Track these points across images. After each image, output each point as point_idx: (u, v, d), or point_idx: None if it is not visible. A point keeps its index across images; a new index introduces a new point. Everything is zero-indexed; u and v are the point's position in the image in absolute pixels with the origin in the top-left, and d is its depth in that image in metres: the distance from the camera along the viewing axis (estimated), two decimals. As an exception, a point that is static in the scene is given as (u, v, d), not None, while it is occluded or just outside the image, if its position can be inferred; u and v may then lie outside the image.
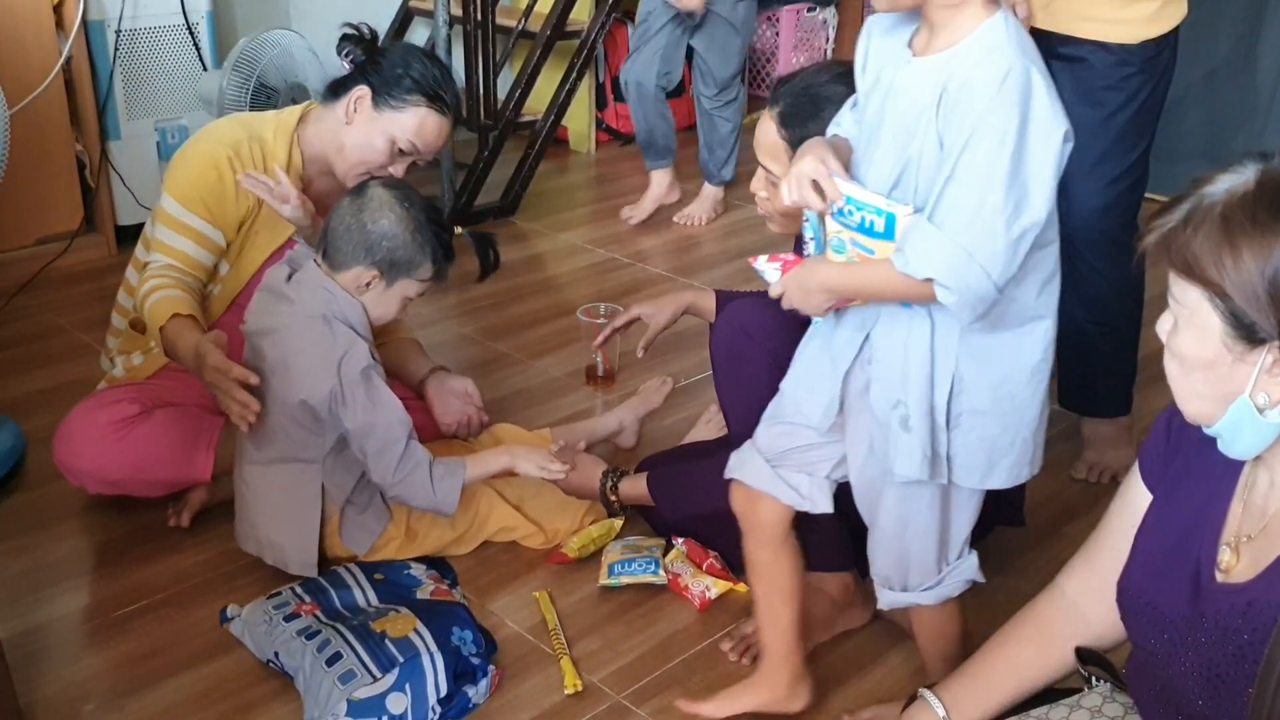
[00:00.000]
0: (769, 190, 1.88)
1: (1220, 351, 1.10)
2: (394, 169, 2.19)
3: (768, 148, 1.84)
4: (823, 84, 1.80)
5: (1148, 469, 1.36)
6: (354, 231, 1.95)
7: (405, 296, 2.02)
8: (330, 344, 1.92)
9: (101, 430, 2.12)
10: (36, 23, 3.24)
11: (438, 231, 1.99)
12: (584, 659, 1.92)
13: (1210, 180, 1.11)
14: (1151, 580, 1.28)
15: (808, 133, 1.77)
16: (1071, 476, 2.46)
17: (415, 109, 2.17)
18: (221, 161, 2.14)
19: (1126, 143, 2.29)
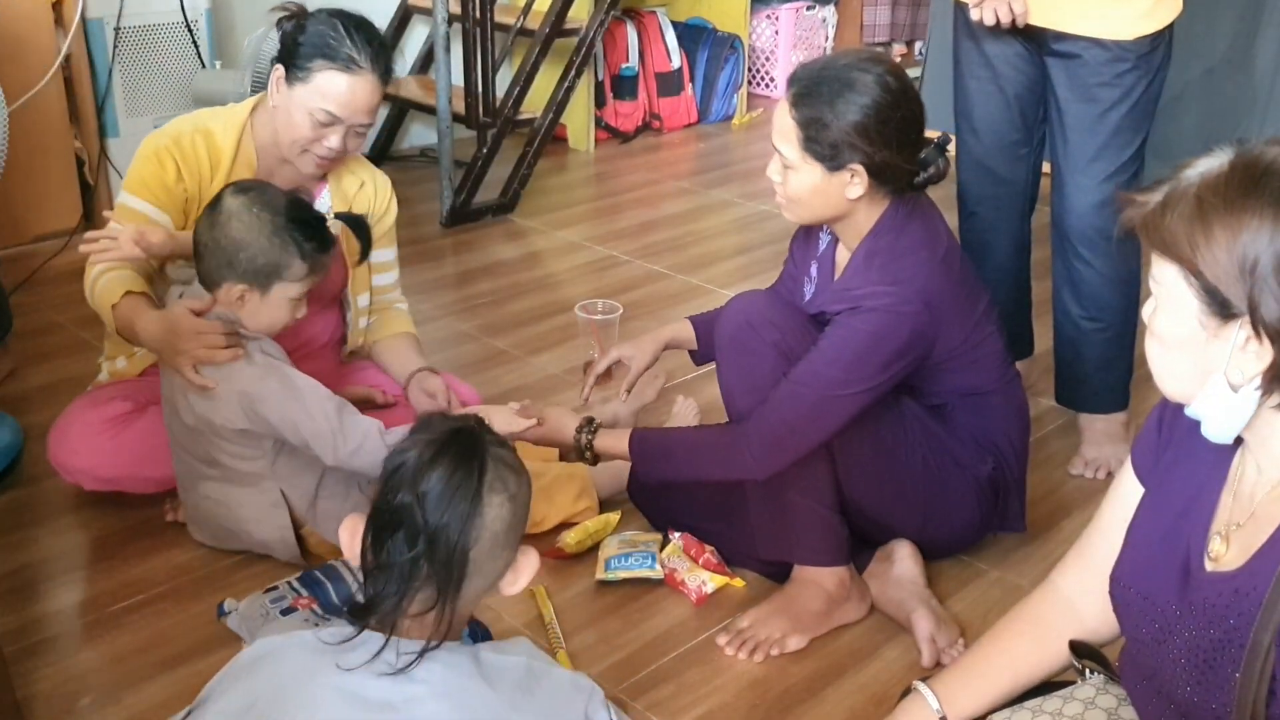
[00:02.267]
0: (782, 174, 1.89)
1: (1195, 329, 1.12)
2: (329, 142, 2.10)
3: (781, 130, 1.86)
4: (840, 68, 1.83)
5: (1140, 462, 1.37)
6: (211, 249, 1.92)
7: (290, 299, 1.96)
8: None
9: (95, 429, 2.13)
10: (35, 20, 3.25)
11: (298, 226, 1.93)
12: (580, 653, 1.92)
13: (1188, 165, 1.15)
14: (1142, 570, 1.29)
15: (817, 114, 1.81)
16: (1068, 472, 2.46)
17: (319, 74, 2.06)
18: (161, 151, 2.13)
19: (1122, 138, 2.30)
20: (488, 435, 1.27)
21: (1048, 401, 2.69)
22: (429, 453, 1.22)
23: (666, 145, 4.82)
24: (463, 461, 1.22)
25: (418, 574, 1.20)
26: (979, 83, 2.45)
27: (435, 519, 1.19)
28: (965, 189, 2.59)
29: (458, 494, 1.20)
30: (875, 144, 1.81)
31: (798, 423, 1.85)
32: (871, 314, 1.84)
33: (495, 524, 1.23)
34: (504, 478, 1.25)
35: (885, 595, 2.01)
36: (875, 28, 5.76)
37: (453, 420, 1.28)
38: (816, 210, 1.91)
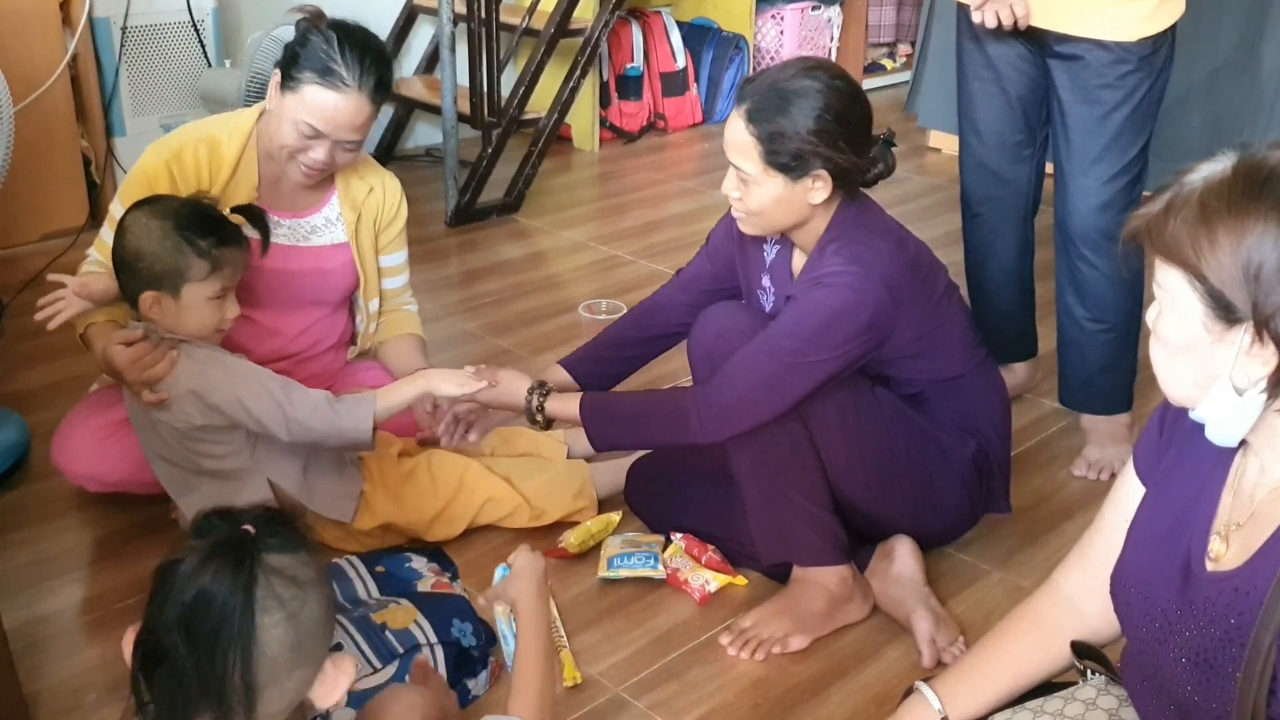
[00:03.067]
0: (741, 189, 1.89)
1: (1200, 334, 1.13)
2: (314, 154, 2.09)
3: (738, 146, 1.86)
4: (788, 79, 1.84)
5: (1141, 463, 1.37)
6: (118, 265, 1.94)
7: (206, 299, 1.94)
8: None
9: (95, 435, 2.14)
10: (43, 19, 3.26)
11: (190, 227, 1.90)
12: (583, 652, 1.92)
13: (1191, 170, 1.15)
14: (1143, 570, 1.29)
15: (776, 128, 1.82)
16: (1071, 474, 2.47)
17: (306, 87, 2.04)
18: (159, 166, 2.12)
19: (1125, 140, 2.30)
20: (267, 540, 1.12)
21: (1051, 403, 2.69)
22: (190, 573, 1.08)
23: (671, 145, 4.82)
24: (225, 586, 1.07)
25: (190, 707, 1.08)
26: (982, 84, 2.46)
27: (198, 654, 1.07)
28: (969, 191, 2.59)
29: (220, 627, 1.07)
30: (836, 147, 1.83)
31: (750, 392, 1.86)
32: (833, 289, 1.85)
33: (271, 648, 1.09)
34: (280, 595, 1.09)
35: (885, 594, 2.02)
36: (880, 28, 5.76)
37: (225, 526, 1.12)
38: (779, 220, 1.91)
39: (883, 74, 5.80)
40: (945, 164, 4.59)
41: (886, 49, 5.91)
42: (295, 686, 1.13)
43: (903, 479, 1.99)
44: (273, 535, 1.12)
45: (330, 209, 2.27)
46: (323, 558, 1.18)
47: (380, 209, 2.32)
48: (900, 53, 5.94)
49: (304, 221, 2.26)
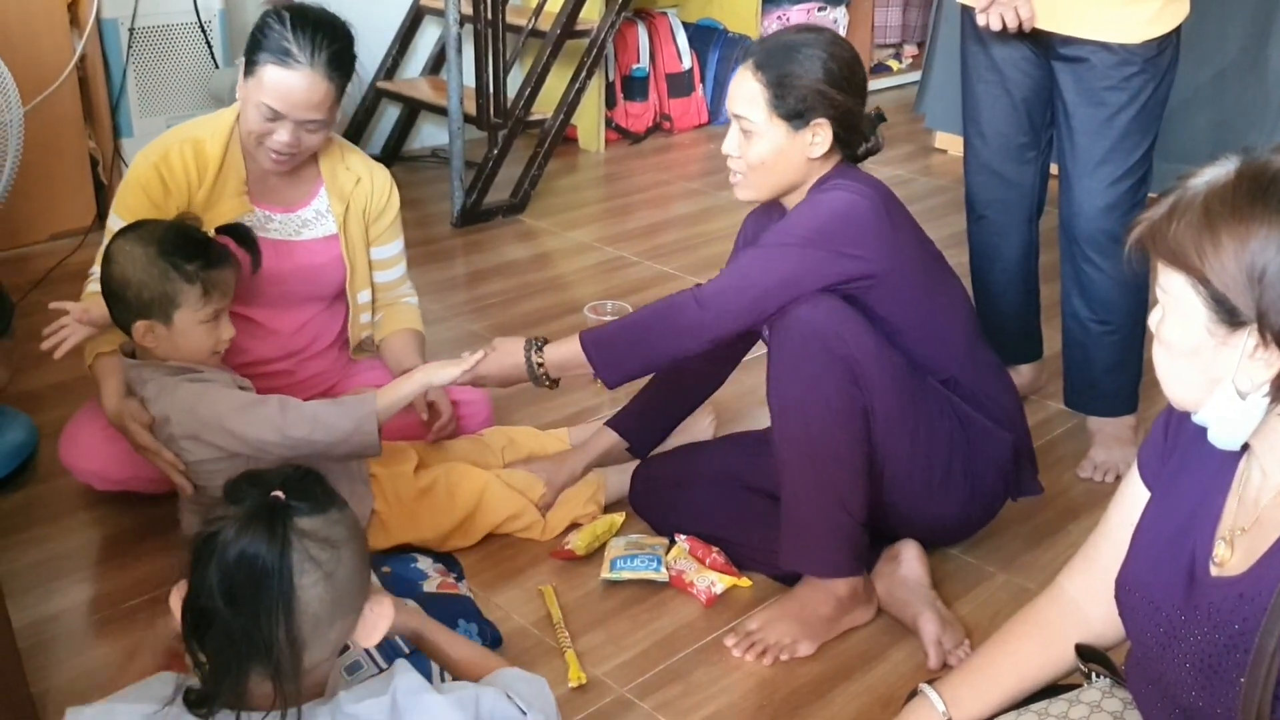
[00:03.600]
0: (742, 145, 1.93)
1: (1204, 337, 1.13)
2: (278, 136, 2.07)
3: (744, 95, 1.92)
4: (793, 35, 1.93)
5: (1146, 466, 1.38)
6: (108, 295, 1.95)
7: (199, 323, 1.95)
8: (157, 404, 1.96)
9: (102, 436, 2.14)
10: (50, 20, 3.27)
11: (176, 251, 1.91)
12: (588, 653, 1.93)
13: (1194, 174, 1.15)
14: (1147, 574, 1.29)
15: (785, 73, 1.88)
16: (1076, 476, 2.47)
17: (263, 69, 2.04)
18: (149, 170, 2.14)
19: (1130, 142, 2.30)
20: (301, 502, 1.17)
21: (1056, 405, 2.69)
22: (228, 541, 1.14)
23: (677, 146, 4.83)
24: (262, 550, 1.13)
25: (243, 665, 1.14)
26: (986, 86, 2.46)
27: (243, 616, 1.13)
28: (973, 192, 2.59)
29: (260, 589, 1.12)
30: (840, 92, 1.89)
31: (748, 276, 1.90)
32: (832, 193, 1.91)
33: (312, 606, 1.15)
34: (314, 556, 1.15)
35: (891, 596, 2.02)
36: (886, 29, 5.76)
37: (256, 492, 1.18)
38: (777, 176, 1.94)
39: (889, 75, 5.80)
40: (951, 165, 4.59)
41: (893, 50, 5.91)
42: (338, 635, 1.21)
43: (956, 476, 2.00)
44: (302, 498, 1.18)
45: (320, 201, 2.27)
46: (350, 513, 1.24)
47: (369, 199, 2.31)
48: (906, 54, 5.94)
49: (295, 215, 2.26)
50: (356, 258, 2.32)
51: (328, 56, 2.05)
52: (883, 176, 2.06)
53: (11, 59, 3.09)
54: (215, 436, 1.91)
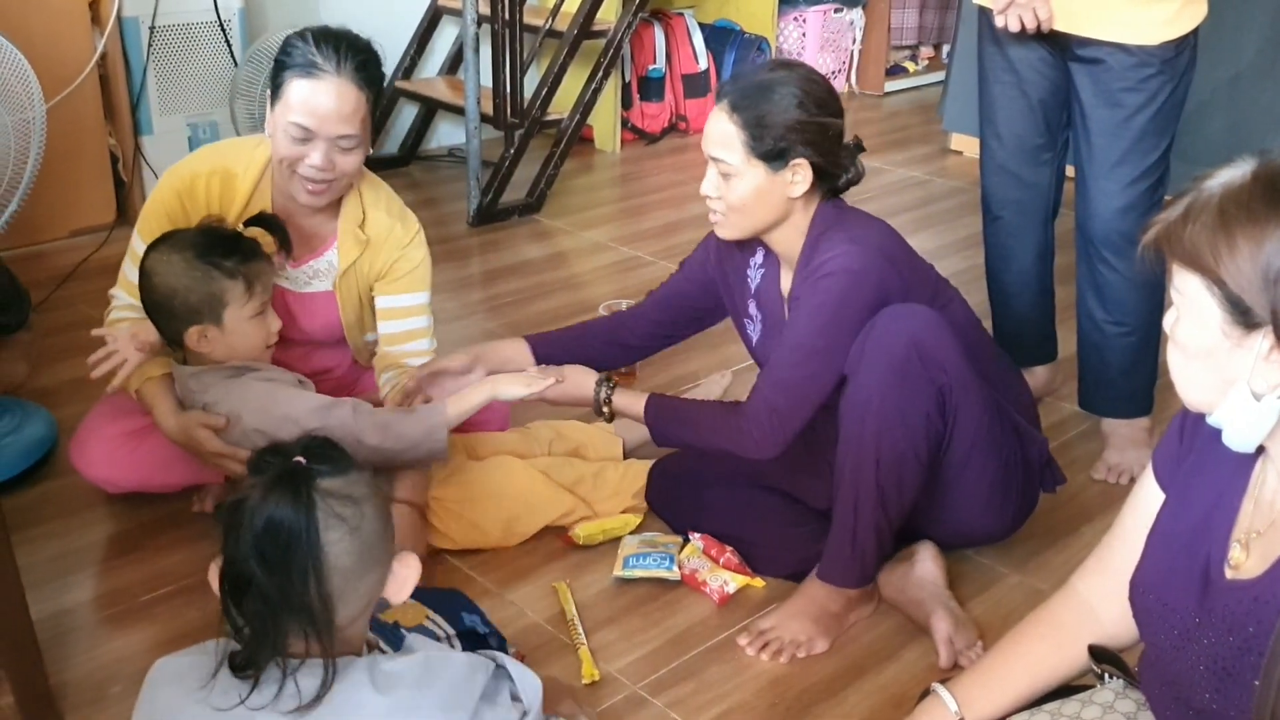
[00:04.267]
0: (721, 186, 1.91)
1: (1218, 339, 1.13)
2: (311, 160, 1.99)
3: (719, 138, 1.89)
4: (765, 74, 1.90)
5: (1161, 468, 1.38)
6: (153, 310, 1.97)
7: (249, 319, 1.97)
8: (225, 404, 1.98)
9: (113, 443, 2.15)
10: (72, 19, 3.30)
11: (212, 250, 1.93)
12: (602, 649, 1.94)
13: (1209, 176, 1.16)
14: (1162, 577, 1.29)
15: (760, 113, 1.85)
16: (1090, 478, 2.47)
17: (289, 86, 1.97)
18: (173, 199, 2.10)
19: (1147, 144, 2.30)
20: (318, 466, 1.22)
21: (1070, 406, 2.69)
22: (255, 506, 1.18)
23: (693, 146, 4.83)
24: (289, 513, 1.18)
25: (280, 624, 1.19)
26: (1003, 87, 2.46)
27: (277, 576, 1.17)
28: (989, 194, 2.59)
29: (291, 549, 1.17)
30: (818, 130, 1.87)
31: (788, 401, 1.89)
32: (833, 275, 1.87)
33: (342, 560, 1.20)
34: (339, 514, 1.21)
35: (905, 595, 2.02)
36: (903, 30, 5.74)
37: (277, 462, 1.22)
38: (758, 217, 1.92)
39: (905, 76, 5.79)
40: (967, 167, 4.58)
41: (909, 52, 5.90)
42: (369, 589, 1.26)
43: (1012, 493, 2.03)
44: (323, 462, 1.23)
45: (332, 254, 2.19)
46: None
47: (376, 258, 2.18)
48: (923, 55, 5.93)
49: (305, 268, 2.21)
50: (360, 310, 2.26)
51: (354, 65, 1.99)
52: (899, 179, 2.06)
53: (34, 57, 3.11)
54: (289, 435, 1.91)
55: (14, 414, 2.44)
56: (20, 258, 3.32)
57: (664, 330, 2.25)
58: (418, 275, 2.22)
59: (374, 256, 2.19)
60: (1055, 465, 2.14)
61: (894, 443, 1.85)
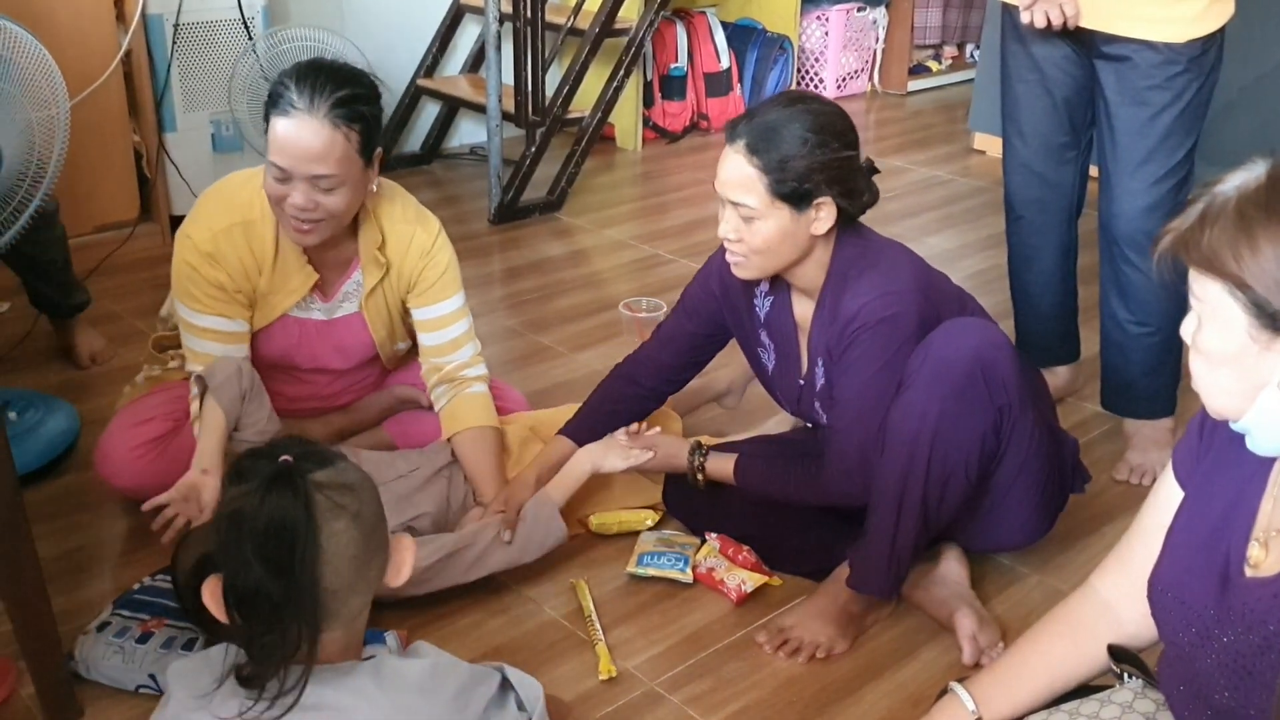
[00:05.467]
0: (741, 230, 1.86)
1: (1245, 343, 1.11)
2: (292, 200, 1.94)
3: (739, 182, 1.84)
4: (778, 111, 1.84)
5: (1180, 466, 1.36)
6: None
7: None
8: None
9: (136, 452, 2.15)
10: (97, 16, 3.32)
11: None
12: (619, 646, 1.94)
13: (1220, 181, 1.15)
14: (1181, 575, 1.28)
15: (782, 155, 1.80)
16: (1112, 478, 2.45)
17: (271, 126, 1.93)
18: (202, 262, 2.05)
19: (1172, 142, 2.28)
20: (308, 462, 1.20)
21: (1093, 407, 2.67)
22: (254, 511, 1.17)
23: (714, 145, 4.82)
24: (289, 511, 1.16)
25: (289, 628, 1.17)
26: (1027, 86, 2.44)
27: (284, 578, 1.16)
28: (1012, 193, 2.58)
29: (295, 547, 1.16)
30: (839, 166, 1.83)
31: (862, 454, 1.89)
32: (869, 330, 1.86)
33: (346, 549, 1.19)
34: (339, 503, 1.19)
35: (929, 594, 2.01)
36: (926, 29, 5.73)
37: (263, 461, 1.21)
38: (783, 257, 1.89)
39: (928, 76, 5.77)
40: (990, 166, 4.56)
41: (932, 51, 5.88)
42: (373, 575, 1.25)
43: (1050, 509, 2.03)
44: (309, 456, 1.22)
45: (359, 274, 2.17)
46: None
47: (400, 269, 2.16)
48: (946, 54, 5.90)
49: (337, 295, 2.19)
50: (390, 325, 2.25)
51: (331, 103, 1.90)
52: (921, 178, 2.05)
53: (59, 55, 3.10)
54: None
55: (37, 407, 2.46)
56: (45, 253, 3.35)
57: (678, 373, 2.23)
58: (448, 279, 2.19)
59: (399, 271, 2.17)
60: (1082, 465, 2.13)
61: (945, 459, 1.83)
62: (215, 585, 1.22)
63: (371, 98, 1.99)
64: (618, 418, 2.19)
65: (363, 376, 2.37)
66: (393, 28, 4.30)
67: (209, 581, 1.23)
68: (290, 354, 2.21)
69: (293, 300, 2.13)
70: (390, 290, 2.19)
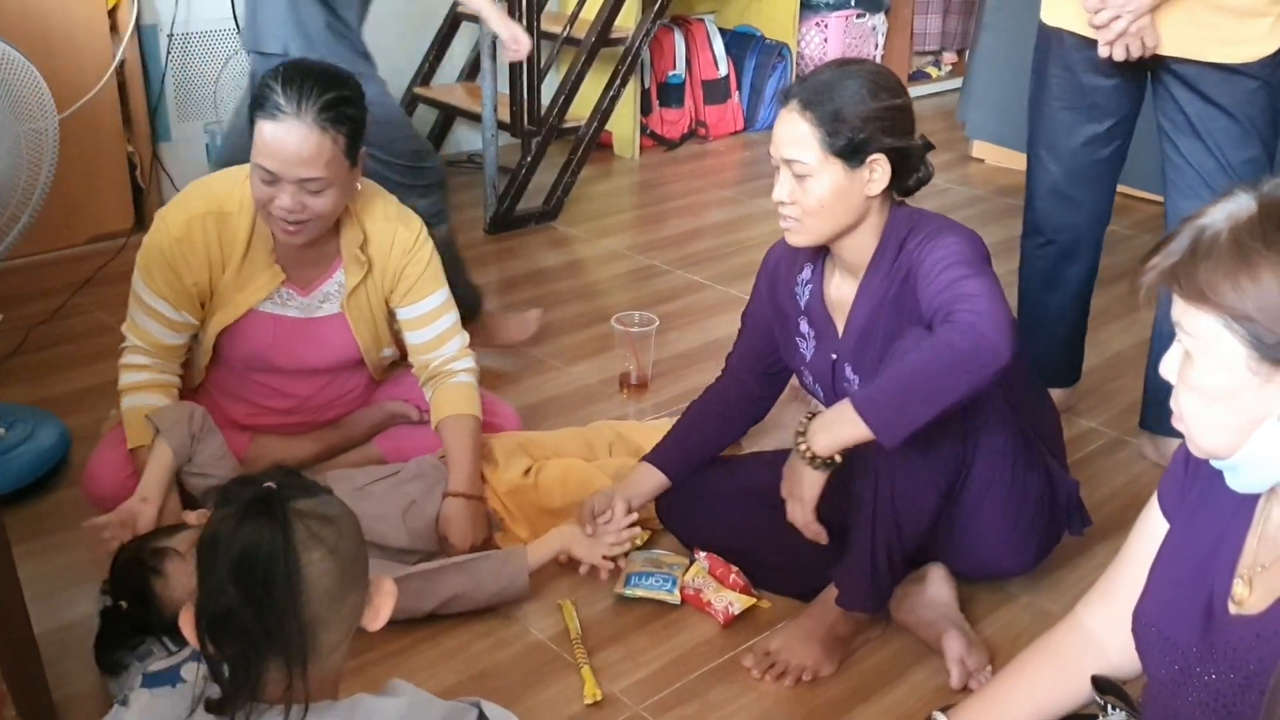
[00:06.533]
0: (795, 190, 1.85)
1: (1244, 377, 1.09)
2: (279, 202, 1.97)
3: (793, 138, 1.83)
4: (834, 70, 1.86)
5: (1166, 498, 1.36)
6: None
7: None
8: None
9: (124, 475, 2.14)
10: (91, 26, 3.31)
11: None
12: (605, 669, 1.92)
13: (1202, 214, 1.12)
14: (1164, 610, 1.27)
15: (833, 107, 1.80)
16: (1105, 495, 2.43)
17: (257, 129, 1.95)
18: (172, 247, 2.08)
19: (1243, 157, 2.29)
20: (289, 490, 1.19)
21: (1088, 423, 2.66)
22: (230, 535, 1.15)
23: (712, 153, 4.82)
24: (266, 536, 1.14)
25: (260, 657, 1.16)
26: (1072, 113, 2.42)
27: (256, 604, 1.14)
28: (1041, 217, 2.55)
29: (270, 573, 1.14)
30: (894, 124, 1.83)
31: (999, 294, 1.75)
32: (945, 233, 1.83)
33: (322, 582, 1.17)
34: (317, 534, 1.17)
35: (917, 616, 2.00)
36: (926, 36, 5.71)
37: (248, 488, 1.19)
38: (836, 219, 1.86)
39: (928, 82, 5.76)
40: (988, 174, 4.56)
41: (932, 57, 5.87)
42: (350, 613, 1.23)
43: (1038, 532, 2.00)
44: (292, 486, 1.21)
45: (340, 275, 2.18)
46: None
47: (384, 267, 2.18)
48: (945, 61, 5.89)
49: (316, 293, 2.20)
50: (374, 327, 2.25)
51: (319, 106, 1.92)
52: (921, 186, 2.02)
53: (53, 64, 3.13)
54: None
55: (26, 423, 2.45)
56: (38, 264, 3.35)
57: (759, 387, 2.17)
58: (430, 275, 2.21)
59: (381, 269, 2.19)
60: (1083, 509, 2.09)
61: (911, 468, 1.82)
62: (189, 613, 1.21)
63: (356, 100, 2.01)
64: (708, 445, 2.17)
65: (350, 387, 2.35)
66: (389, 35, 4.29)
67: (184, 610, 1.22)
68: (268, 353, 2.20)
69: (258, 298, 2.14)
70: (373, 290, 2.20)
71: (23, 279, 3.24)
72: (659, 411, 2.73)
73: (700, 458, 2.16)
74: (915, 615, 2.00)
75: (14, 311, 2.96)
